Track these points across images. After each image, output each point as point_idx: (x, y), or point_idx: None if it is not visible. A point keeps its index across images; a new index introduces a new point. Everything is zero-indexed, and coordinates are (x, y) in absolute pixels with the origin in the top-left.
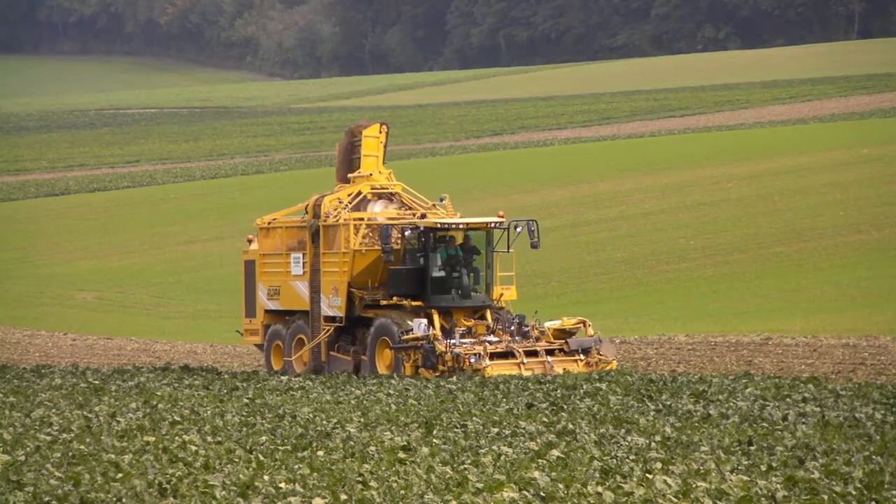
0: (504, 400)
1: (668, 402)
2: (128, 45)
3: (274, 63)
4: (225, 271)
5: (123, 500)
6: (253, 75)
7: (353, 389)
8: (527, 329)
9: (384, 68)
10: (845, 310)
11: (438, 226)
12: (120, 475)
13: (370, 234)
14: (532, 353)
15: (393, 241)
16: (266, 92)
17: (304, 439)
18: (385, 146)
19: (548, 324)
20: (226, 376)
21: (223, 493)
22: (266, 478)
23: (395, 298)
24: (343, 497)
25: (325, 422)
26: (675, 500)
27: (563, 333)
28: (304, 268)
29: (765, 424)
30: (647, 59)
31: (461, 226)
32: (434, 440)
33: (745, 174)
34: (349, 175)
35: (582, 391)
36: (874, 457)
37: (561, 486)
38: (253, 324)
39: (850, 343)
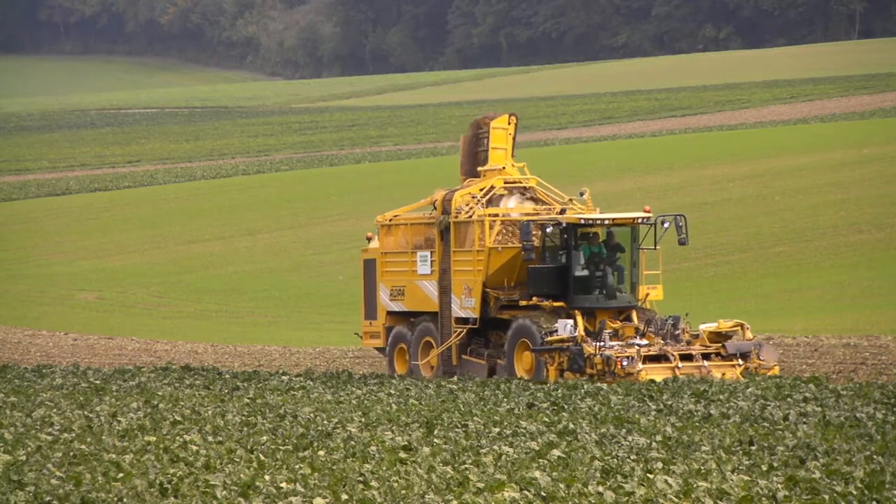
0: (505, 400)
1: (669, 402)
2: (129, 44)
3: (275, 63)
4: (226, 271)
5: (124, 499)
6: (254, 75)
7: (353, 389)
8: (678, 332)
9: (385, 68)
10: (846, 309)
11: (582, 221)
12: (121, 475)
13: (504, 231)
14: (686, 357)
15: (532, 237)
16: (267, 92)
17: (305, 439)
18: (514, 138)
19: (702, 326)
20: (227, 376)
21: (224, 492)
22: (267, 478)
23: (534, 299)
24: (344, 497)
25: (326, 421)
26: (676, 500)
27: (719, 336)
28: (431, 266)
29: (766, 424)
30: (648, 58)
31: (606, 221)
32: (435, 440)
33: (746, 174)
34: (478, 169)
35: (583, 391)
36: (875, 456)
37: (562, 485)
38: (373, 326)
39: (850, 343)
